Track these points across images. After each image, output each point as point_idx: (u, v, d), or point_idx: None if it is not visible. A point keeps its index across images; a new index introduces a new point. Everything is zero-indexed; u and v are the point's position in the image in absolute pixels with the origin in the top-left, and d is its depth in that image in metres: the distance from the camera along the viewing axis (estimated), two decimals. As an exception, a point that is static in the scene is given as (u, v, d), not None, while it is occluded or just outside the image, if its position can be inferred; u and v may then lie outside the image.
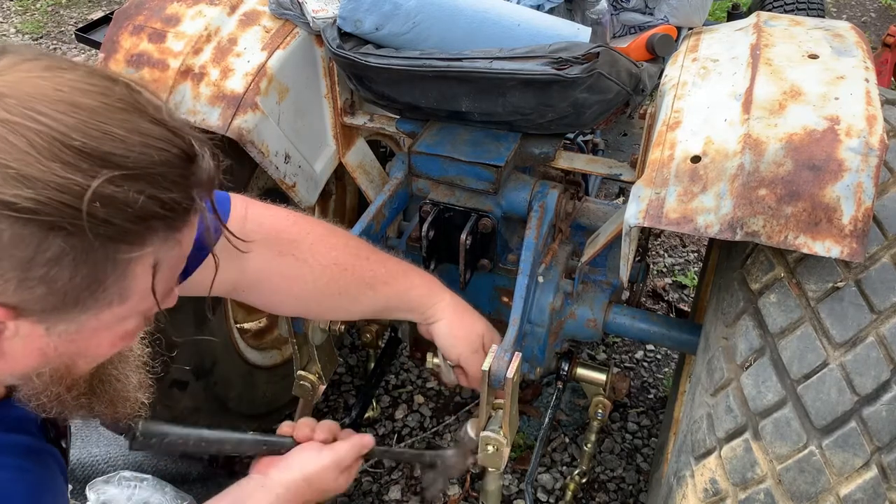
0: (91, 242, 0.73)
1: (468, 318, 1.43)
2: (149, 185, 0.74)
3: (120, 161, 0.72)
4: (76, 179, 0.70)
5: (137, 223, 0.75)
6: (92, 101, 0.73)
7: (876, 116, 1.18)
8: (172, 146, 0.77)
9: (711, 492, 1.20)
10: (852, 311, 1.14)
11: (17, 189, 0.68)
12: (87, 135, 0.71)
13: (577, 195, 1.73)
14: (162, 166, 0.75)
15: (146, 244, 0.78)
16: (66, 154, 0.70)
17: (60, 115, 0.71)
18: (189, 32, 1.63)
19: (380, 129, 1.84)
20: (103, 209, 0.71)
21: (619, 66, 1.48)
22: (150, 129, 0.76)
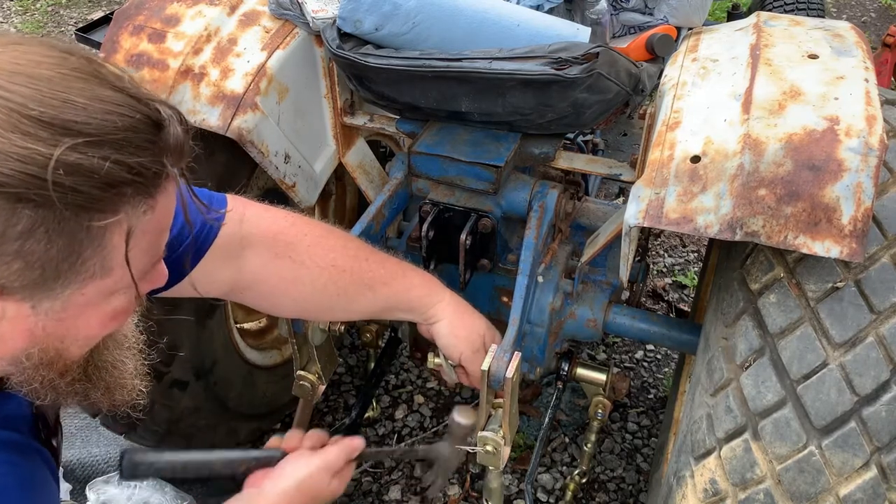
0: (61, 212, 0.72)
1: (469, 317, 1.43)
2: (113, 151, 0.74)
3: (81, 128, 0.72)
4: (38, 149, 0.70)
5: (106, 189, 0.74)
6: (49, 71, 0.73)
7: (876, 116, 1.18)
8: (136, 112, 0.76)
9: (711, 492, 1.20)
10: (852, 312, 1.14)
11: None
12: (45, 104, 0.71)
13: (576, 195, 1.73)
14: (126, 131, 0.75)
15: (118, 211, 0.77)
16: (25, 124, 0.70)
17: (17, 86, 0.71)
18: (189, 32, 1.63)
19: (380, 129, 1.84)
20: (69, 177, 0.71)
21: (618, 67, 1.48)
22: (112, 96, 0.75)
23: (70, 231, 0.74)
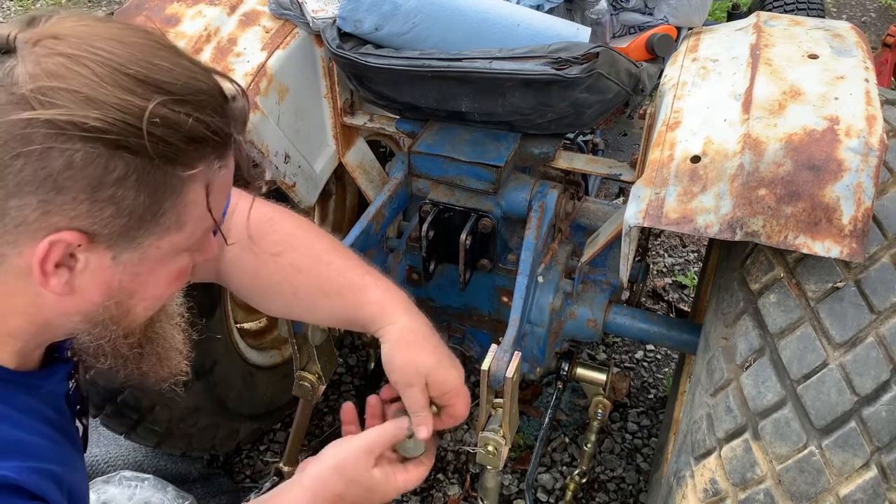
0: (151, 160, 0.80)
1: (414, 350, 1.25)
2: (195, 110, 0.82)
3: (169, 87, 0.81)
4: (135, 102, 0.78)
5: (189, 143, 0.83)
6: (138, 39, 0.83)
7: (876, 116, 1.18)
8: (210, 80, 0.86)
9: (711, 492, 1.20)
10: (852, 312, 1.14)
11: (86, 111, 0.76)
12: (139, 64, 0.80)
13: (576, 195, 1.73)
14: (204, 94, 0.84)
15: (198, 165, 0.85)
16: (125, 80, 0.79)
17: (115, 48, 0.80)
18: (189, 32, 1.63)
19: (380, 129, 1.84)
20: (159, 129, 0.79)
21: (618, 66, 1.48)
22: (190, 65, 0.85)
23: (156, 181, 0.82)
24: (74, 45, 0.79)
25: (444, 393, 1.25)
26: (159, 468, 2.13)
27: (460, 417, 1.29)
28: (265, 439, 2.37)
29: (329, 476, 1.17)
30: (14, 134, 0.76)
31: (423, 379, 1.24)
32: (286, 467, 1.85)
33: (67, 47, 0.78)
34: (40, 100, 0.76)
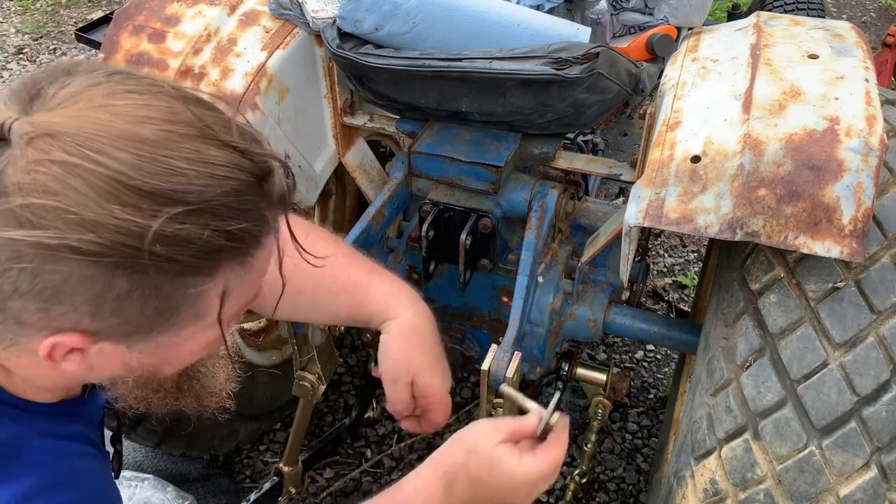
0: (157, 279, 0.73)
1: (410, 347, 1.25)
2: (213, 218, 0.72)
3: (182, 197, 0.70)
4: (136, 221, 0.69)
5: (204, 257, 0.74)
6: (155, 131, 0.71)
7: (876, 116, 1.18)
8: (241, 171, 0.74)
9: (711, 492, 1.20)
10: (852, 312, 1.14)
11: (79, 234, 0.68)
12: (147, 172, 0.69)
13: (577, 195, 1.73)
14: (228, 196, 0.73)
15: (216, 275, 0.77)
16: (126, 195, 0.69)
17: (120, 152, 0.69)
18: (189, 32, 1.63)
19: (380, 129, 1.84)
20: (165, 248, 0.70)
21: (618, 66, 1.48)
22: (217, 155, 0.73)
23: (165, 294, 0.75)
24: (72, 148, 0.68)
25: (425, 397, 1.25)
26: (159, 468, 2.14)
27: (436, 425, 1.28)
28: (265, 439, 2.38)
29: (452, 444, 1.10)
30: (6, 248, 0.69)
31: (411, 377, 1.24)
32: (286, 467, 1.85)
33: (63, 152, 0.68)
34: (29, 219, 0.68)
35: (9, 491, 0.81)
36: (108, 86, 0.73)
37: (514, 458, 1.05)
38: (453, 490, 1.06)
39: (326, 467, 2.28)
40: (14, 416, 0.86)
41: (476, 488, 1.06)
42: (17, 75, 4.31)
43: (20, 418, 0.86)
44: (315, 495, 2.21)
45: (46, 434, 0.88)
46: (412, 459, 2.31)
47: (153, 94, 0.74)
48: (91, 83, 0.73)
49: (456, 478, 1.06)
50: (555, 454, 1.08)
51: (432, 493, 1.06)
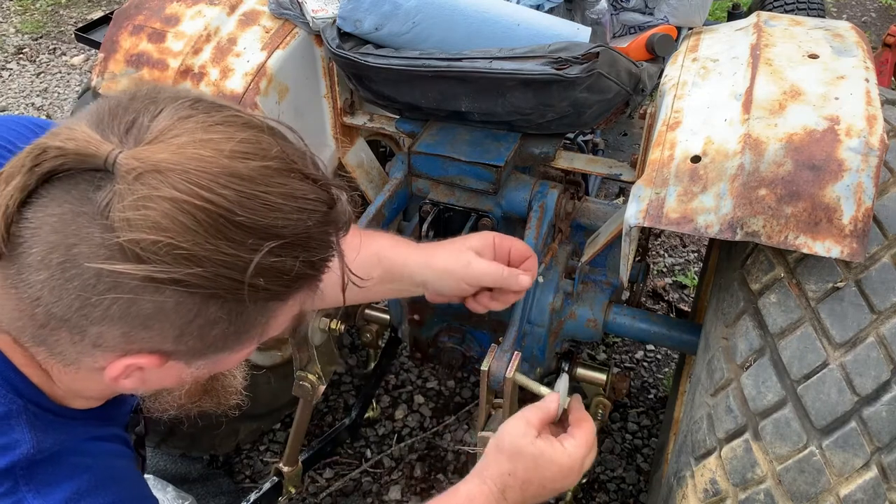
0: (246, 306, 0.76)
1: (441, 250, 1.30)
2: (303, 251, 0.77)
3: (279, 231, 0.74)
4: (241, 255, 0.72)
5: (290, 285, 0.78)
6: (252, 166, 0.73)
7: (876, 116, 1.18)
8: (321, 203, 0.78)
9: (711, 492, 1.20)
10: (852, 312, 1.14)
11: (186, 268, 0.70)
12: (249, 208, 0.72)
13: (577, 195, 1.73)
14: (313, 228, 0.77)
15: (292, 298, 0.81)
16: (231, 231, 0.71)
17: (223, 188, 0.71)
18: (189, 32, 1.63)
19: (380, 129, 1.84)
20: (263, 279, 0.74)
21: (618, 66, 1.48)
22: (302, 189, 0.76)
23: (247, 318, 0.78)
24: (179, 184, 0.69)
25: (507, 254, 1.30)
26: (159, 468, 2.14)
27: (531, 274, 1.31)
28: (265, 439, 2.38)
29: (492, 455, 1.13)
30: (104, 278, 0.70)
31: (473, 251, 1.27)
32: (286, 467, 1.85)
33: (171, 188, 0.69)
34: (138, 253, 0.69)
35: (54, 497, 0.82)
36: (200, 118, 0.75)
37: (557, 449, 1.11)
38: (507, 496, 1.11)
39: (326, 467, 2.28)
40: (56, 424, 0.87)
41: (528, 487, 1.11)
42: (17, 75, 4.32)
43: (62, 426, 0.88)
44: (315, 495, 2.21)
45: (87, 438, 0.90)
46: (412, 459, 2.31)
47: (239, 127, 0.76)
48: (182, 115, 0.75)
49: (506, 485, 1.11)
50: (588, 429, 1.15)
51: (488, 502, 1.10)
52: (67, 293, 0.71)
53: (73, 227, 0.70)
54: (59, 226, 0.71)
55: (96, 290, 0.71)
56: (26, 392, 0.84)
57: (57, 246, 0.71)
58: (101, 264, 0.70)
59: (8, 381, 0.83)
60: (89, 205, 0.70)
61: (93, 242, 0.70)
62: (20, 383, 0.83)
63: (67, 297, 0.72)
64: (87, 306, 0.72)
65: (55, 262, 0.71)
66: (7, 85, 4.23)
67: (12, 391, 0.83)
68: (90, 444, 0.90)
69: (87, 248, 0.70)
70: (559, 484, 1.13)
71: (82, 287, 0.71)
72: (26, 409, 0.84)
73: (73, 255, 0.70)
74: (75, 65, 4.40)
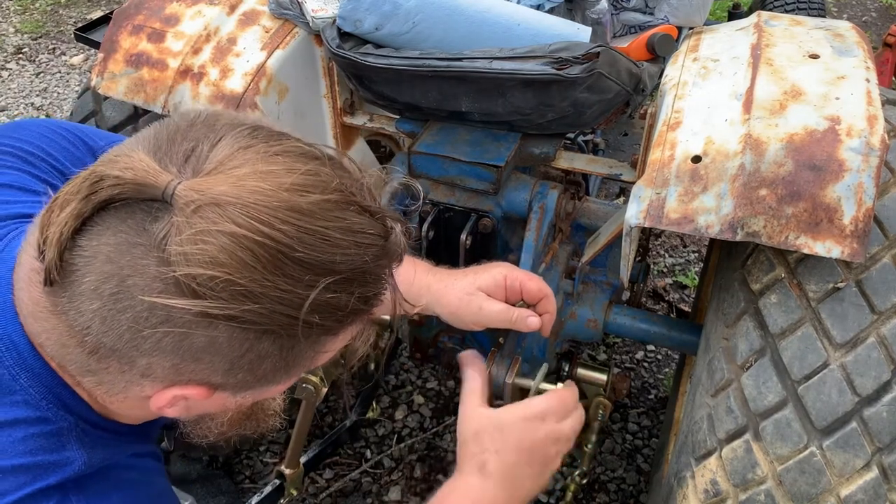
0: (299, 340, 0.75)
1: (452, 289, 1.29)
2: (359, 286, 0.75)
3: (336, 267, 0.72)
4: (297, 291, 0.71)
5: (343, 320, 0.77)
6: (311, 200, 0.72)
7: (877, 116, 1.18)
8: (377, 237, 0.76)
9: (712, 493, 1.20)
10: (853, 312, 1.14)
11: (242, 304, 0.69)
12: (307, 244, 0.70)
13: (577, 195, 1.73)
14: (369, 263, 0.76)
15: (343, 332, 0.80)
16: (289, 267, 0.70)
17: (282, 224, 0.69)
18: (188, 32, 1.63)
19: (380, 129, 1.84)
20: (318, 315, 0.73)
21: (619, 66, 1.48)
22: (360, 223, 0.75)
23: (298, 353, 0.77)
24: (239, 218, 0.68)
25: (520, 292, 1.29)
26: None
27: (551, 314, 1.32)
28: (265, 440, 2.37)
29: (459, 450, 1.15)
30: (158, 312, 0.69)
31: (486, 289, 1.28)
32: (288, 469, 1.85)
33: (230, 222, 0.68)
34: (194, 289, 0.68)
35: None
36: (260, 147, 0.74)
37: (509, 408, 1.16)
38: (487, 470, 1.11)
39: (326, 468, 2.28)
40: (104, 439, 0.87)
41: (505, 455, 1.11)
42: (17, 75, 4.31)
43: (109, 441, 0.88)
44: (315, 496, 2.21)
45: (130, 454, 0.91)
46: (412, 460, 2.31)
47: (299, 158, 0.74)
48: (242, 144, 0.73)
49: (481, 462, 1.11)
50: (554, 393, 1.19)
51: (471, 484, 1.11)
52: (119, 324, 0.71)
53: (129, 258, 0.69)
54: (114, 256, 0.70)
55: (149, 323, 0.70)
56: (76, 408, 0.84)
57: (111, 276, 0.69)
58: (156, 298, 0.69)
59: (58, 397, 0.82)
60: (146, 236, 0.69)
61: (148, 275, 0.69)
62: (69, 399, 0.83)
63: (118, 328, 0.71)
64: (139, 338, 0.71)
65: (108, 292, 0.70)
66: (7, 85, 4.23)
67: (63, 408, 0.83)
68: (134, 461, 0.91)
69: (142, 281, 0.69)
70: (536, 437, 1.13)
71: (134, 319, 0.70)
72: (77, 426, 0.84)
73: (126, 286, 0.69)
74: (75, 65, 4.40)
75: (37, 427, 0.81)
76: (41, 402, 0.81)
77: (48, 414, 0.82)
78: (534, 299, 1.30)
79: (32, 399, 0.81)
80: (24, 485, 0.78)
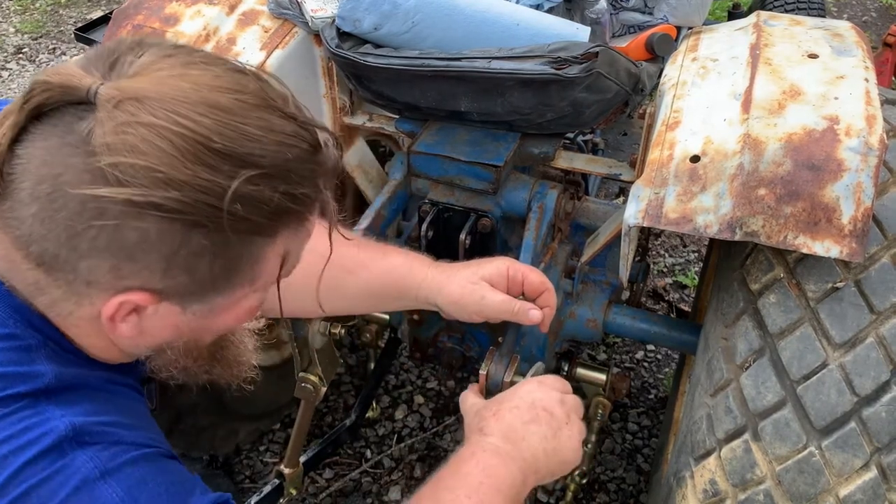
0: (229, 237, 0.77)
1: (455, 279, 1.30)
2: (282, 182, 0.78)
3: (257, 161, 0.75)
4: (218, 181, 0.73)
5: (272, 218, 0.79)
6: (228, 99, 0.76)
7: (875, 116, 1.18)
8: (302, 141, 0.80)
9: (711, 492, 1.20)
10: (852, 312, 1.14)
11: (164, 191, 0.72)
12: (226, 136, 0.74)
13: (576, 195, 1.73)
14: (293, 162, 0.78)
15: (278, 235, 0.82)
16: (208, 156, 0.73)
17: (200, 117, 0.73)
18: (188, 32, 1.63)
19: (379, 128, 1.84)
20: (242, 208, 0.75)
21: (618, 66, 1.48)
22: (282, 125, 0.78)
23: (233, 252, 0.80)
24: (158, 111, 0.72)
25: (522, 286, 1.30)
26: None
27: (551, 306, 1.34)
28: (265, 440, 2.37)
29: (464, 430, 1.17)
30: (88, 205, 0.72)
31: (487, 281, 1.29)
32: (287, 469, 1.85)
33: (150, 115, 0.72)
34: (117, 177, 0.71)
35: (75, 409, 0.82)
36: (181, 57, 0.78)
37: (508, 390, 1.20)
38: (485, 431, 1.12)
39: (326, 468, 2.28)
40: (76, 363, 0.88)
41: (502, 415, 1.13)
42: (17, 75, 4.31)
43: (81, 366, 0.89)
44: (315, 496, 2.21)
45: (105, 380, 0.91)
46: (412, 459, 2.31)
47: (221, 67, 0.79)
48: (164, 54, 0.78)
49: (480, 427, 1.13)
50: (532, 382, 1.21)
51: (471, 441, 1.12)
52: (56, 224, 0.74)
53: (59, 157, 0.73)
54: (47, 158, 0.73)
55: (82, 219, 0.73)
56: (45, 329, 0.85)
57: (45, 178, 0.73)
58: (85, 189, 0.72)
59: (26, 318, 0.84)
60: (73, 135, 0.73)
61: (76, 169, 0.72)
62: (38, 321, 0.84)
63: (56, 229, 0.74)
64: (75, 237, 0.74)
65: (44, 193, 0.73)
66: (7, 85, 4.23)
67: (31, 327, 0.84)
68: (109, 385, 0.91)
69: (72, 176, 0.72)
70: (535, 396, 1.15)
71: (69, 216, 0.73)
72: (45, 345, 0.85)
73: (59, 184, 0.72)
74: (75, 65, 4.39)
75: (5, 342, 0.82)
76: (8, 321, 0.83)
77: (16, 331, 0.83)
78: (535, 292, 1.30)
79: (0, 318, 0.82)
80: None
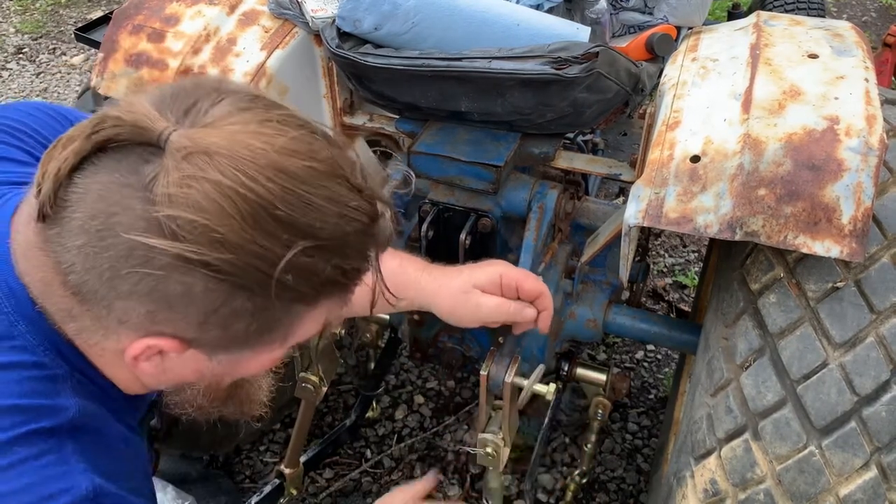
0: (273, 302, 0.76)
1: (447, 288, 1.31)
2: (336, 256, 0.77)
3: (316, 232, 0.74)
4: (274, 249, 0.72)
5: (318, 289, 0.79)
6: (297, 166, 0.74)
7: (875, 116, 1.18)
8: (363, 214, 0.78)
9: (711, 492, 1.20)
10: (852, 312, 1.14)
11: (218, 252, 0.71)
12: (289, 204, 0.72)
13: (576, 195, 1.73)
14: (351, 236, 0.78)
15: (320, 304, 0.81)
16: (269, 223, 0.72)
17: (267, 181, 0.72)
18: (188, 32, 1.63)
19: (379, 128, 1.84)
20: (292, 278, 0.74)
21: (618, 66, 1.48)
22: (347, 197, 0.77)
23: (272, 316, 0.79)
24: (226, 169, 0.71)
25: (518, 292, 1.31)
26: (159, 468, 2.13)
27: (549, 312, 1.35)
28: (265, 440, 2.37)
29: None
30: (136, 252, 0.71)
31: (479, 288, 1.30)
32: (288, 469, 1.85)
33: (217, 172, 0.70)
34: (174, 230, 0.70)
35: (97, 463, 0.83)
36: (257, 112, 0.76)
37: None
38: None
39: (326, 468, 2.28)
40: (96, 394, 0.88)
41: None
42: (17, 75, 4.32)
43: (100, 397, 0.89)
44: (315, 496, 2.21)
45: (119, 420, 0.91)
46: (412, 459, 2.31)
47: (295, 126, 0.77)
48: (241, 106, 0.76)
49: None
50: None
51: None
52: (100, 262, 0.73)
53: (118, 196, 0.72)
54: (105, 194, 0.72)
55: (128, 263, 0.72)
56: (71, 358, 0.85)
57: (99, 213, 0.72)
58: (137, 236, 0.71)
59: (55, 345, 0.84)
60: (136, 177, 0.72)
61: (133, 214, 0.71)
62: (65, 349, 0.85)
63: (100, 265, 0.73)
64: (117, 278, 0.73)
65: (94, 228, 0.72)
66: (7, 85, 4.23)
67: (59, 356, 0.84)
68: (123, 429, 0.92)
69: (127, 219, 0.71)
70: None
71: (115, 258, 0.72)
72: (72, 376, 0.85)
73: (111, 224, 0.72)
74: (75, 65, 4.40)
75: (33, 371, 0.82)
76: (38, 349, 0.83)
77: (45, 360, 0.83)
78: (530, 297, 1.31)
79: (30, 345, 0.83)
80: (19, 424, 0.79)
